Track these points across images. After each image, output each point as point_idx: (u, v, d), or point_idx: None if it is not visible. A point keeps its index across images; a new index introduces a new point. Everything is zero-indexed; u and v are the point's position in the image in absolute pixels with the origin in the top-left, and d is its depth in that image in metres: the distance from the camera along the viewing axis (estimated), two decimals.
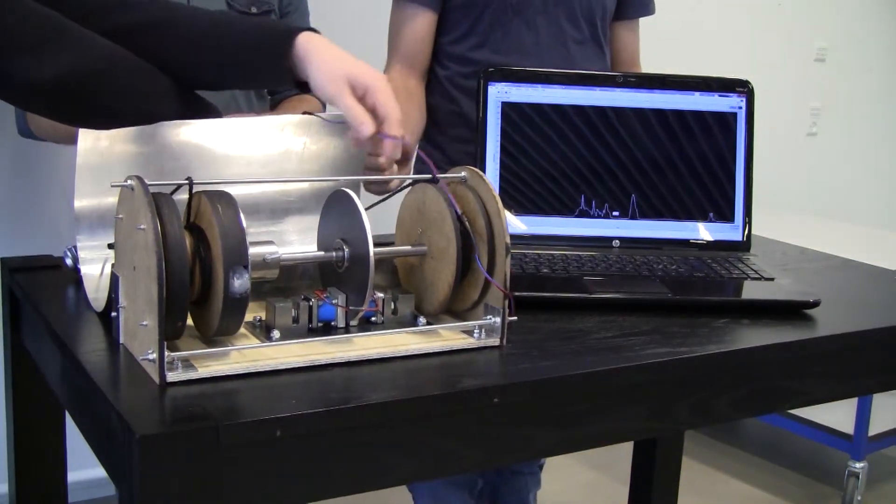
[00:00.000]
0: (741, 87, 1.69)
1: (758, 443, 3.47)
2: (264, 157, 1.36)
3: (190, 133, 1.30)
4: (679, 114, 1.67)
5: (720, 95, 1.68)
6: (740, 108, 1.69)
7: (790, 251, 1.82)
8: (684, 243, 1.66)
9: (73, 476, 1.56)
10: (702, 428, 3.41)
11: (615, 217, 1.64)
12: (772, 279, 1.50)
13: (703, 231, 1.67)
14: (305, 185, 1.40)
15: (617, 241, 1.64)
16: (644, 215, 1.65)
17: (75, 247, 1.33)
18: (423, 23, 1.89)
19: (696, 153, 1.67)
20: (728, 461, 3.29)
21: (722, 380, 1.28)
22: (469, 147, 1.92)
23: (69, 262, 1.35)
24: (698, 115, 1.68)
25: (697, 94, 1.68)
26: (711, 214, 1.67)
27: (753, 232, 1.69)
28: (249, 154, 1.34)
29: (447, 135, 1.97)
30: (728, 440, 3.45)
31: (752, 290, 1.47)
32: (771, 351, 1.30)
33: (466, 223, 1.21)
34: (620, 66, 2.06)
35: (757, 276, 1.51)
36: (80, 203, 1.25)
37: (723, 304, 1.42)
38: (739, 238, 1.67)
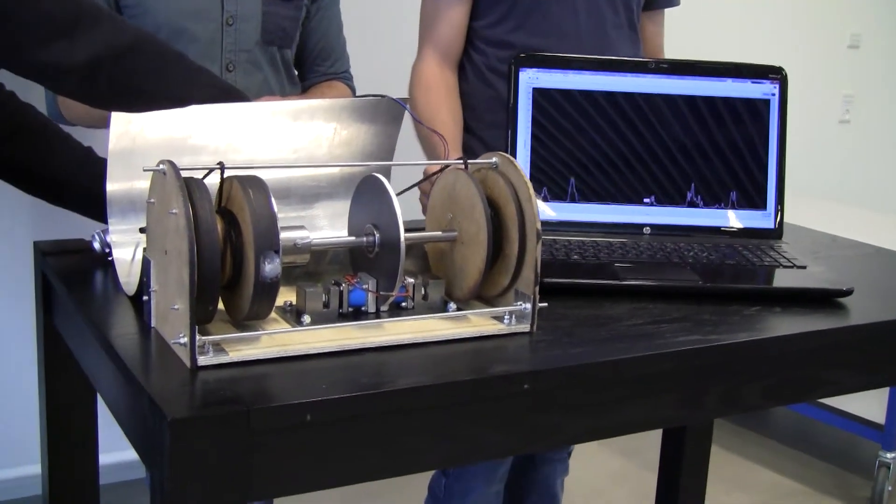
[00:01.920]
0: (774, 74, 1.68)
1: (788, 432, 3.45)
2: (295, 142, 1.36)
3: (221, 118, 1.30)
4: (711, 101, 1.66)
5: (753, 82, 1.67)
6: (773, 94, 1.67)
7: (822, 239, 1.81)
8: (715, 231, 1.65)
9: (104, 458, 1.57)
10: (731, 416, 3.40)
11: (646, 204, 1.64)
12: (803, 267, 1.49)
13: (735, 218, 1.66)
14: (336, 170, 1.40)
15: (647, 227, 1.63)
16: (675, 202, 1.64)
17: (103, 231, 1.33)
18: (459, 12, 1.88)
19: (727, 140, 1.66)
20: (757, 450, 3.28)
21: (752, 368, 1.27)
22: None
23: (97, 245, 1.35)
24: (730, 102, 1.66)
25: (730, 80, 1.66)
26: (743, 202, 1.66)
27: (785, 220, 1.68)
28: (280, 139, 1.35)
29: (483, 121, 1.96)
30: (758, 429, 3.43)
31: (783, 278, 1.46)
32: (802, 339, 1.29)
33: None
34: (651, 52, 2.04)
35: (789, 263, 1.50)
36: (112, 187, 1.26)
37: (754, 292, 1.41)
38: (771, 226, 1.66)
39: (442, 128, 1.74)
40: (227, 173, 1.13)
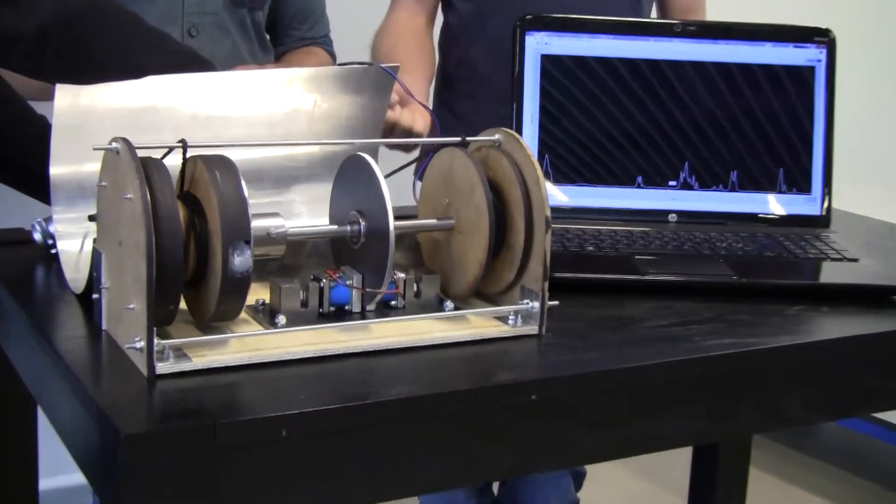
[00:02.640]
0: (820, 38, 1.68)
1: (837, 451, 3.46)
2: (269, 116, 1.37)
3: (184, 89, 1.30)
4: (747, 68, 1.66)
5: (795, 47, 1.67)
6: (819, 61, 1.68)
7: (876, 228, 1.81)
8: (752, 218, 1.65)
9: (45, 483, 1.57)
10: (771, 432, 3.41)
11: (672, 187, 1.64)
12: (855, 260, 1.50)
13: (775, 204, 1.66)
14: (316, 149, 1.41)
15: (673, 215, 1.64)
16: (705, 185, 1.65)
17: (46, 219, 1.34)
18: None
19: (766, 114, 1.67)
20: (802, 472, 3.29)
21: (795, 376, 1.28)
22: (482, 105, 1.93)
23: (38, 236, 1.36)
24: (770, 70, 1.67)
25: (769, 45, 1.67)
26: (784, 185, 1.66)
27: (833, 205, 1.68)
28: (252, 113, 1.35)
29: (454, 90, 1.97)
30: (802, 447, 3.44)
31: (831, 273, 1.46)
32: (853, 343, 1.30)
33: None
34: (680, 11, 2.04)
35: (838, 256, 1.51)
36: (56, 169, 1.26)
37: (797, 289, 1.42)
38: (817, 212, 1.67)
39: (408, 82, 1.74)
40: (191, 152, 1.13)
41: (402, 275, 1.22)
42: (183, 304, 1.13)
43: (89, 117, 1.25)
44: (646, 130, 1.64)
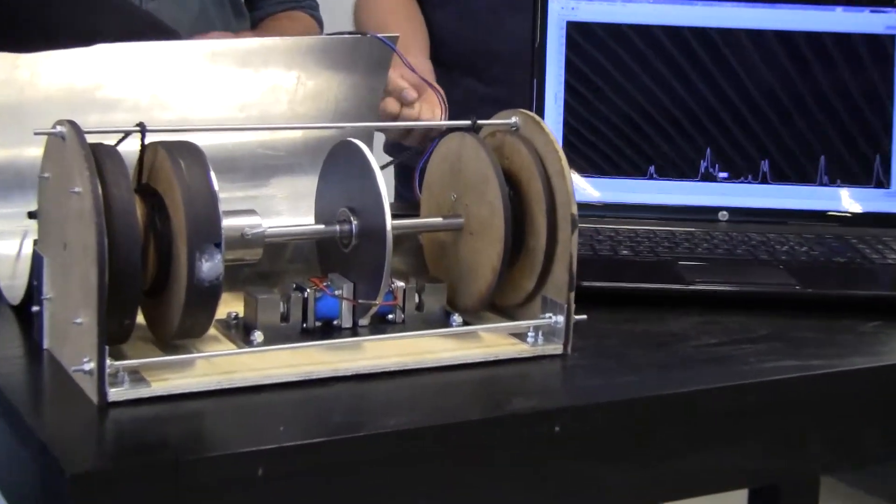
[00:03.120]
0: None
1: None
2: (242, 95, 1.37)
3: (142, 61, 1.31)
4: (814, 37, 1.66)
5: (872, 11, 1.67)
6: None
7: None
8: (819, 216, 1.65)
9: None
10: (843, 472, 3.40)
11: (722, 180, 1.64)
12: None
13: (846, 199, 1.66)
14: (298, 134, 1.41)
15: (724, 212, 1.64)
16: (763, 178, 1.65)
17: None
18: None
19: (838, 92, 1.66)
20: None
21: (871, 406, 1.28)
22: (474, 83, 1.93)
23: None
24: (841, 39, 1.67)
25: (839, 9, 1.67)
26: (858, 177, 1.66)
27: None
28: (223, 91, 1.35)
29: (443, 63, 1.97)
30: (880, 491, 3.44)
31: None
32: None
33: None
34: None
35: None
36: None
37: (873, 301, 1.42)
38: None
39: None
40: (150, 138, 1.13)
41: (401, 283, 1.22)
42: (141, 319, 1.13)
43: (29, 93, 1.25)
44: (692, 112, 1.64)
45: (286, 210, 1.40)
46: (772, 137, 1.65)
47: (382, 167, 1.20)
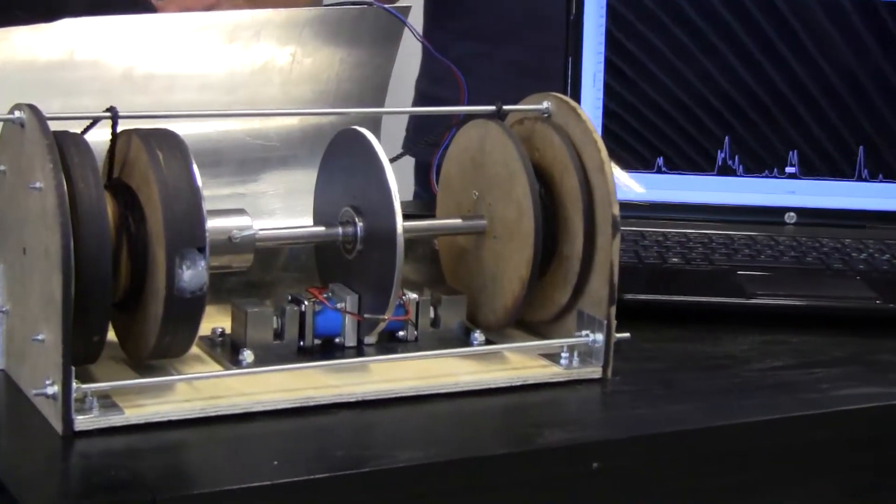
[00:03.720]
0: None
1: None
2: (229, 76, 1.37)
3: (113, 37, 1.31)
4: None
5: None
6: None
7: None
8: None
9: None
10: None
11: (789, 176, 1.65)
12: None
13: None
14: (294, 121, 1.41)
15: (792, 213, 1.65)
16: (837, 174, 1.65)
17: None
18: None
19: None
20: None
21: None
22: (476, 45, 1.93)
23: None
24: None
25: None
26: None
27: None
28: (206, 72, 1.36)
29: (438, 20, 1.97)
30: None
31: None
32: None
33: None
34: None
35: None
36: None
37: None
38: None
39: None
40: (124, 125, 1.13)
41: (413, 295, 1.23)
42: (112, 335, 1.13)
43: None
44: (754, 96, 1.64)
45: (280, 209, 1.41)
46: (849, 126, 1.65)
47: (392, 159, 1.20)
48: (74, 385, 1.04)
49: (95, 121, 1.14)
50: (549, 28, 1.76)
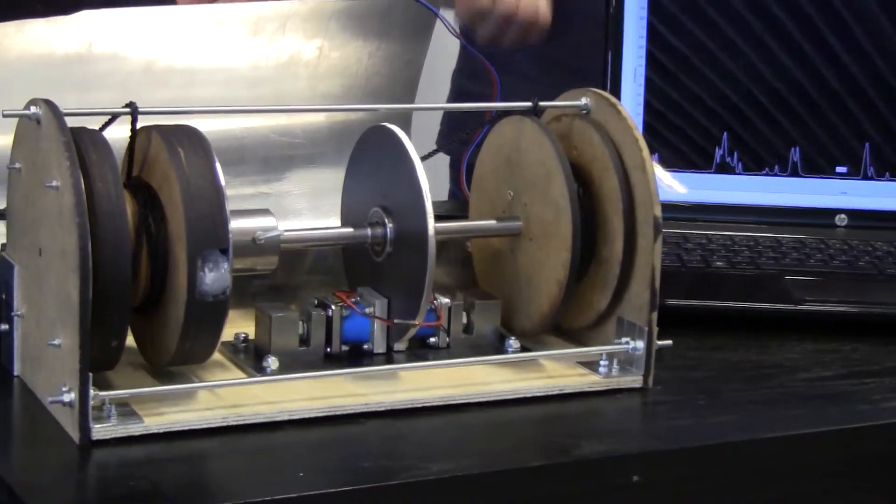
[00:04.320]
0: None
1: None
2: (253, 70, 1.38)
3: (132, 29, 1.32)
4: None
5: None
6: None
7: None
8: None
9: None
10: None
11: (840, 175, 1.64)
12: None
13: None
14: (321, 118, 1.41)
15: (843, 215, 1.64)
16: (891, 174, 1.64)
17: None
18: None
19: None
20: None
21: None
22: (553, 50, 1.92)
23: None
24: None
25: None
26: None
27: None
28: (229, 65, 1.36)
29: None
30: None
31: None
32: None
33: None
34: None
35: None
36: None
37: None
38: None
39: None
40: (143, 121, 1.14)
41: (445, 300, 1.23)
42: (131, 340, 1.13)
43: None
44: (803, 90, 1.64)
45: (306, 210, 1.41)
46: None
47: (424, 157, 1.20)
48: (92, 392, 1.04)
49: (114, 117, 1.14)
50: (588, 22, 1.76)
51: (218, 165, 1.09)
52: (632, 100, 1.61)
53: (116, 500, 0.98)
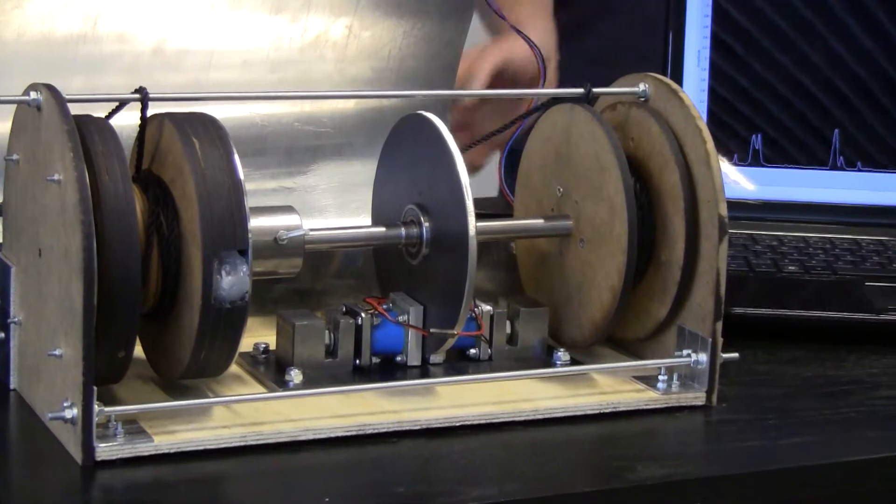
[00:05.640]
0: None
1: None
2: (275, 52, 1.38)
3: (140, 6, 1.32)
4: None
5: None
6: None
7: None
8: None
9: None
10: None
11: None
12: None
13: None
14: (350, 105, 1.42)
15: None
16: None
17: None
18: None
19: None
20: None
21: None
22: (564, 19, 1.93)
23: None
24: None
25: None
26: None
27: None
28: (248, 47, 1.36)
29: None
30: None
31: None
32: None
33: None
34: None
35: None
36: None
37: None
38: None
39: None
40: (155, 108, 1.14)
41: (487, 307, 1.24)
42: (140, 350, 1.14)
43: None
44: (886, 77, 1.64)
45: (333, 207, 1.41)
46: None
47: (464, 149, 1.20)
48: (96, 408, 1.04)
49: (122, 103, 1.14)
50: None
51: (236, 157, 1.10)
52: (695, 86, 1.61)
53: None
